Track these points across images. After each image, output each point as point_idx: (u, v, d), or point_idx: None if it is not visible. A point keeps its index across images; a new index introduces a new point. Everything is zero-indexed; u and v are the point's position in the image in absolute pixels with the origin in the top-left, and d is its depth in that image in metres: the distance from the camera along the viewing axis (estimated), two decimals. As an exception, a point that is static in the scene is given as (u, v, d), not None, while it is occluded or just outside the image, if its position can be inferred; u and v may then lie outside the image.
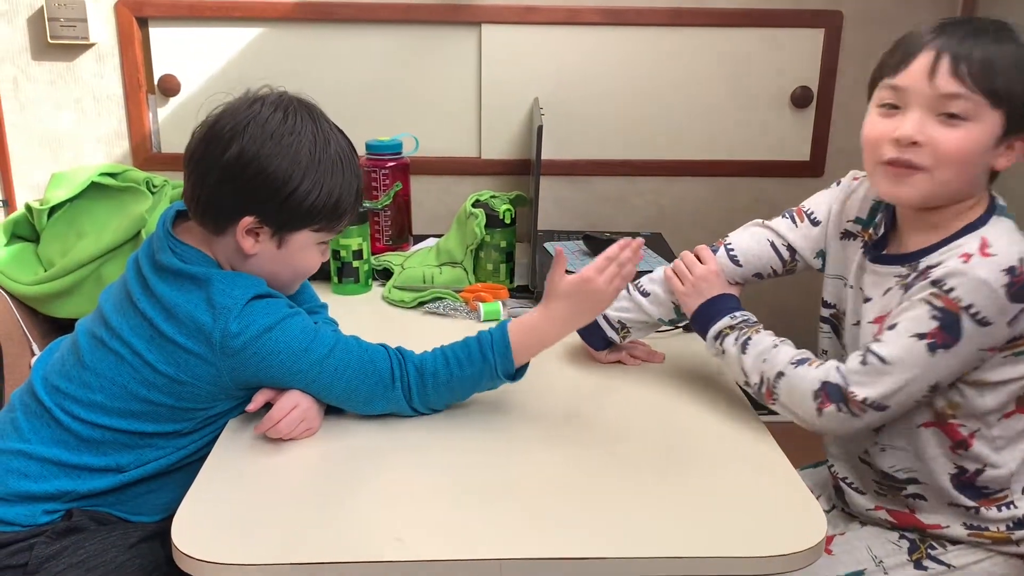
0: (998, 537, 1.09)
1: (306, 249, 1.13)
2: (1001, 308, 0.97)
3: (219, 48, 1.97)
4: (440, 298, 1.57)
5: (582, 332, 1.29)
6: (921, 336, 0.99)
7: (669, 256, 1.84)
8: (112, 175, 1.72)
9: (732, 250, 1.25)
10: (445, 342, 1.13)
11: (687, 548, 0.89)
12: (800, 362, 1.07)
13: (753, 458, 1.06)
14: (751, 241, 1.25)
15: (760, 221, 1.27)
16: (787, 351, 1.10)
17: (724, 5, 1.98)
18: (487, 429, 1.11)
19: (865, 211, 1.18)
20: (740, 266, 1.25)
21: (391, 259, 1.73)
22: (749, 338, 1.12)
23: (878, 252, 1.13)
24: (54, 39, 1.93)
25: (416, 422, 1.12)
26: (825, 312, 1.23)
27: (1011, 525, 1.09)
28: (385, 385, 1.08)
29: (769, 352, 1.10)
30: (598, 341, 1.29)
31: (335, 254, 1.62)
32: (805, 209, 1.24)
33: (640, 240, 1.13)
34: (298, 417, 1.07)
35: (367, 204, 1.76)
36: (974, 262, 0.97)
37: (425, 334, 1.27)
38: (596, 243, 1.80)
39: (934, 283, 0.98)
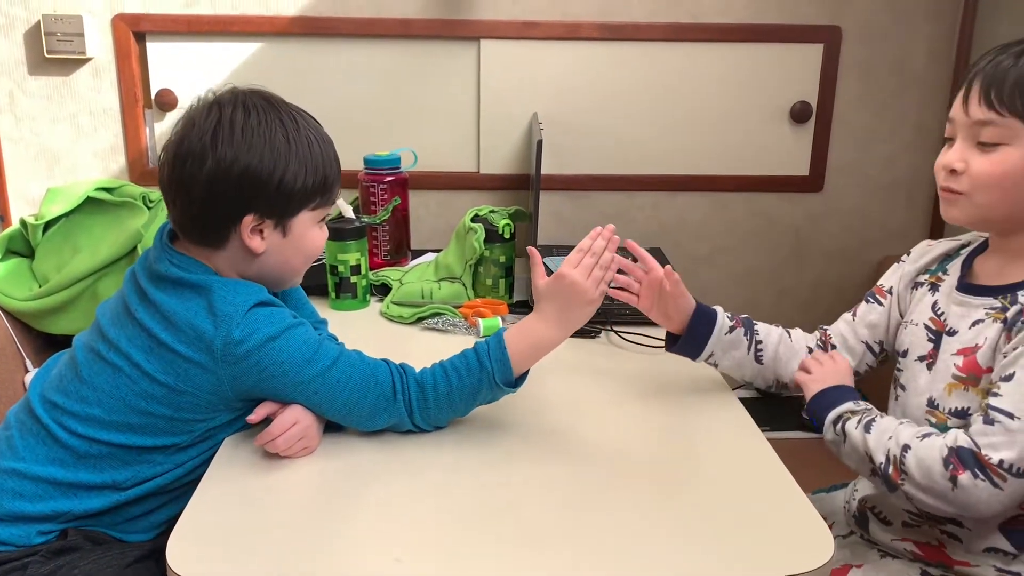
0: None
1: (309, 229, 1.13)
2: None
3: (216, 63, 1.96)
4: (439, 314, 1.56)
5: (679, 344, 1.25)
6: None
7: (669, 271, 1.83)
8: (108, 190, 1.71)
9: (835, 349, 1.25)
10: (444, 358, 1.12)
11: (690, 569, 0.87)
12: (927, 435, 1.00)
13: (758, 477, 1.05)
14: (855, 341, 1.24)
15: (850, 318, 1.26)
16: (912, 427, 1.03)
17: (723, 20, 1.98)
18: (487, 449, 1.10)
19: (935, 263, 1.18)
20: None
21: (389, 274, 1.72)
22: (873, 419, 1.06)
23: (966, 283, 1.10)
24: (51, 53, 1.92)
25: (416, 441, 1.10)
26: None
27: None
28: (387, 399, 1.07)
29: (894, 429, 1.02)
30: (691, 352, 1.26)
31: (333, 269, 1.61)
32: (884, 287, 1.24)
33: (611, 226, 1.11)
34: (297, 434, 1.05)
35: (365, 219, 1.75)
36: None
37: (424, 350, 1.26)
38: (596, 258, 1.78)
39: None
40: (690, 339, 1.24)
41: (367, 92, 2.01)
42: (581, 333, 1.47)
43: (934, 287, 1.15)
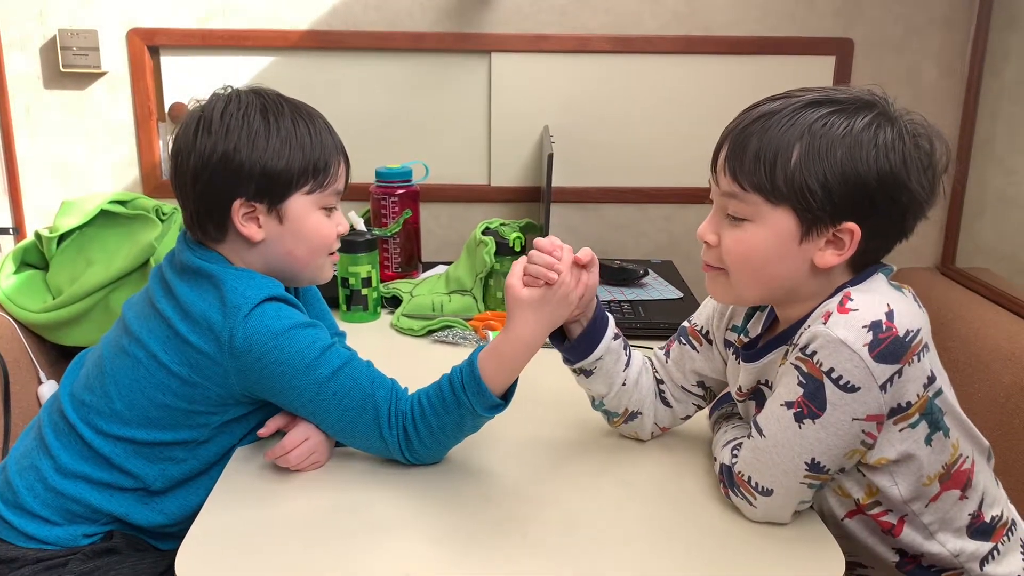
0: None
1: (309, 215, 1.10)
2: (867, 371, 0.84)
3: (229, 76, 1.98)
4: (449, 326, 1.56)
5: (580, 338, 1.09)
6: (788, 405, 0.89)
7: (680, 284, 1.82)
8: (122, 203, 1.73)
9: (662, 385, 1.13)
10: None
11: (702, 585, 0.87)
12: (726, 444, 1.00)
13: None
14: (672, 387, 1.13)
15: (663, 358, 1.14)
16: (737, 431, 1.02)
17: (735, 33, 1.99)
18: (497, 464, 1.10)
19: (740, 318, 1.07)
20: (670, 406, 1.13)
21: (400, 287, 1.72)
22: (720, 428, 1.07)
23: (753, 351, 1.01)
24: (66, 68, 1.94)
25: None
26: None
27: None
28: (383, 425, 1.03)
29: (723, 439, 1.03)
30: (584, 351, 1.08)
31: (344, 281, 1.61)
32: (698, 328, 1.12)
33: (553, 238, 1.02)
34: (308, 449, 1.05)
35: (376, 231, 1.76)
36: (832, 321, 0.85)
37: (434, 363, 1.26)
38: (607, 271, 1.78)
39: (801, 348, 0.88)
40: (590, 334, 1.07)
41: (379, 105, 2.02)
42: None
43: (737, 354, 1.05)
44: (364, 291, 1.62)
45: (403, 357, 1.47)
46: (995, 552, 0.98)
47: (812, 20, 1.99)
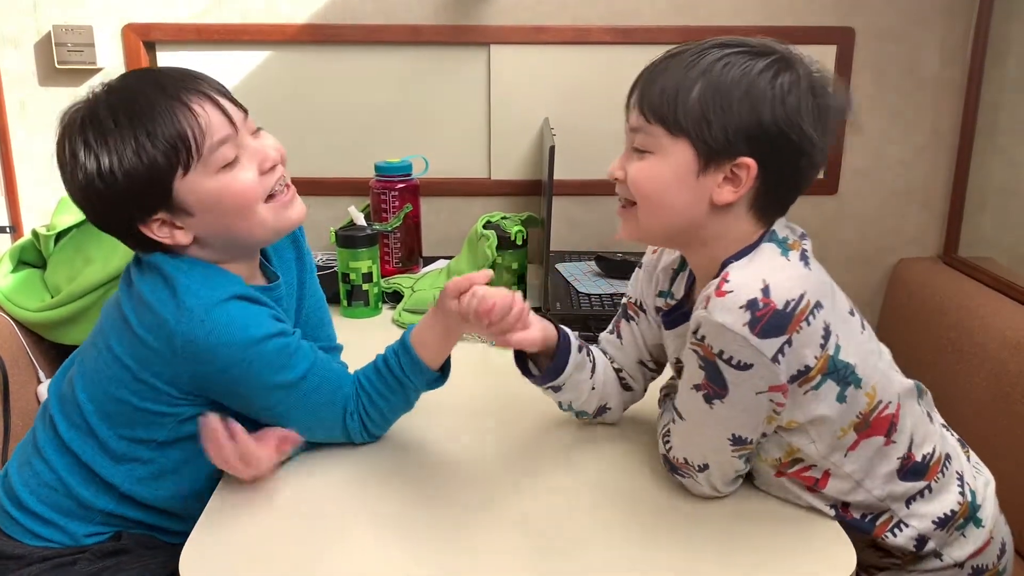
0: (909, 558, 1.00)
1: (212, 184, 0.98)
2: (754, 349, 0.86)
3: (226, 72, 1.96)
4: (451, 321, 1.55)
5: (554, 364, 1.10)
6: (697, 388, 0.93)
7: (683, 276, 1.81)
8: (119, 200, 1.71)
9: (621, 372, 1.17)
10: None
11: (713, 581, 0.86)
12: (663, 432, 1.04)
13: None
14: (630, 364, 1.17)
15: (618, 341, 1.17)
16: (665, 419, 1.04)
17: (735, 23, 1.97)
18: (497, 462, 1.09)
19: (666, 282, 1.11)
20: (631, 390, 1.18)
21: (401, 282, 1.72)
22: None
23: (674, 316, 1.06)
24: (61, 64, 1.93)
25: (423, 455, 1.10)
26: None
27: (916, 545, 0.99)
28: (347, 415, 1.08)
29: (659, 424, 1.07)
30: (554, 373, 1.11)
31: (344, 277, 1.60)
32: (634, 301, 1.16)
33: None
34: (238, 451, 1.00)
35: (376, 226, 1.75)
36: (712, 305, 0.87)
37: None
38: (608, 264, 1.77)
39: (693, 332, 0.91)
40: (558, 357, 1.10)
41: (377, 99, 2.01)
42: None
43: (666, 316, 1.09)
44: (365, 286, 1.61)
45: (405, 353, 1.46)
46: (927, 490, 0.99)
47: (813, 9, 1.97)
